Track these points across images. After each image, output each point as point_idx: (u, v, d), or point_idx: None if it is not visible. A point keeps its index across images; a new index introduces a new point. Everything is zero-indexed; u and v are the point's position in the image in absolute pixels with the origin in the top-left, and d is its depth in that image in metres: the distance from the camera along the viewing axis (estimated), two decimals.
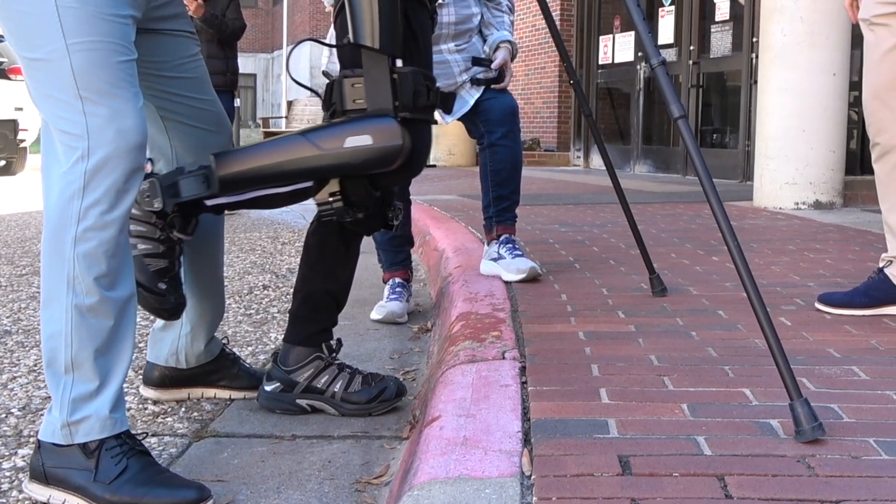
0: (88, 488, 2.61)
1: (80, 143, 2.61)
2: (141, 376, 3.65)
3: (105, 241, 2.65)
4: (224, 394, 3.63)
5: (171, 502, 2.61)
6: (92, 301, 2.65)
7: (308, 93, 39.29)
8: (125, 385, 3.66)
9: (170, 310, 3.18)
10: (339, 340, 3.53)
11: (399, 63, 3.13)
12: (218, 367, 3.61)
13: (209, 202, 3.19)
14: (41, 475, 2.67)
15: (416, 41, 3.21)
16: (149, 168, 3.30)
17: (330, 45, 3.19)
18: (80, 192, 2.61)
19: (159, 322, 3.50)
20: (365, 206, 3.24)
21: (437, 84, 4.88)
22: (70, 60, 2.61)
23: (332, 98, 3.39)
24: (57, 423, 2.65)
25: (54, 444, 2.66)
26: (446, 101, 3.33)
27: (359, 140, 3.04)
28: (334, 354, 3.49)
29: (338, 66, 5.00)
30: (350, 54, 3.16)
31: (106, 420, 2.66)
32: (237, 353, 3.77)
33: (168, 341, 3.51)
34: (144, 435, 2.95)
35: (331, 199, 3.20)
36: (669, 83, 2.95)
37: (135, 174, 2.70)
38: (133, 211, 3.02)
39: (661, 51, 2.97)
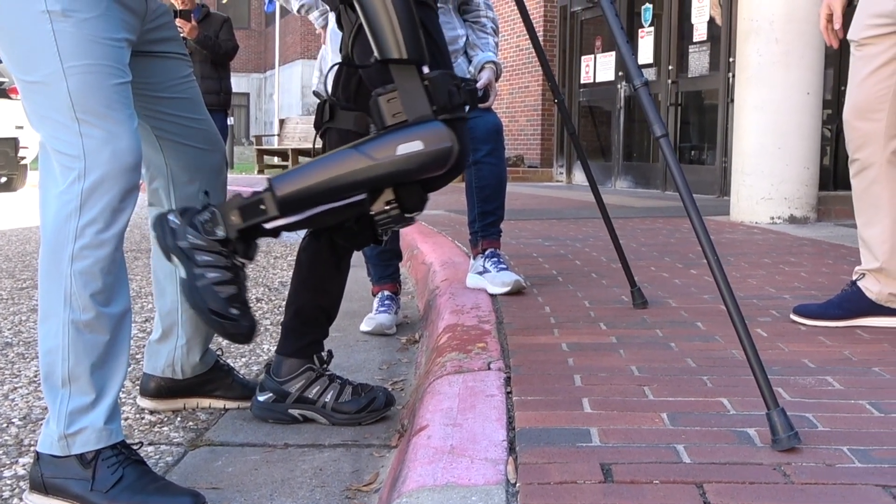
0: (86, 497, 2.62)
1: (77, 164, 2.62)
2: (138, 387, 3.64)
3: (101, 258, 2.66)
4: (218, 403, 3.63)
5: None
6: (88, 317, 2.66)
7: (299, 111, 39.37)
8: (123, 395, 3.69)
9: (245, 333, 3.16)
10: (329, 352, 3.53)
11: (426, 70, 3.13)
12: (212, 377, 3.61)
13: (268, 225, 3.19)
14: (40, 485, 2.67)
15: (434, 43, 3.20)
16: (143, 187, 3.31)
17: (360, 66, 3.17)
18: (76, 211, 2.62)
19: (155, 334, 3.50)
20: (419, 210, 3.25)
21: None
22: (67, 83, 2.62)
23: (323, 118, 3.41)
24: (54, 435, 2.66)
25: (52, 456, 2.66)
26: (473, 97, 3.32)
27: (410, 147, 3.02)
28: (325, 366, 3.50)
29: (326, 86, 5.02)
30: (378, 73, 3.14)
31: (101, 431, 2.67)
32: (231, 364, 3.77)
33: (164, 353, 3.50)
34: (140, 444, 2.95)
35: (387, 207, 3.19)
36: (651, 103, 2.96)
37: (130, 194, 2.71)
38: (198, 241, 3.07)
39: (641, 69, 2.99)
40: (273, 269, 7.62)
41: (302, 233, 3.32)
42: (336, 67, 4.28)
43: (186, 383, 3.55)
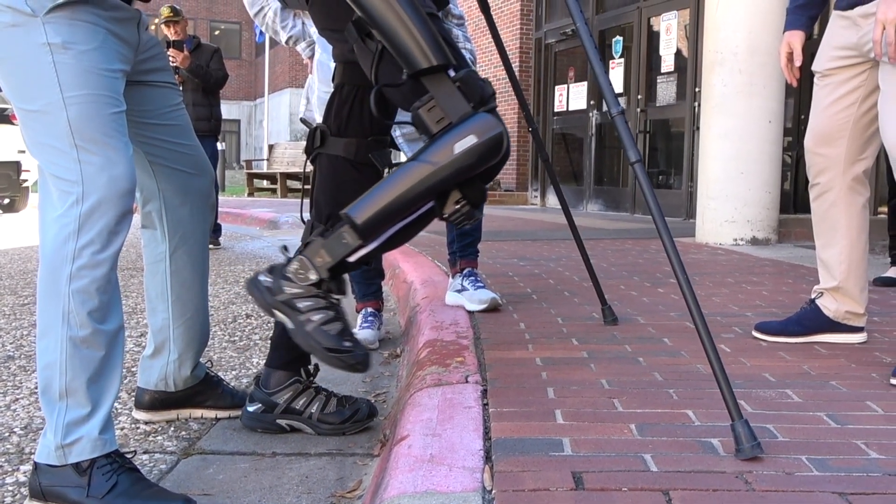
0: (83, 503, 2.62)
1: (75, 189, 2.65)
2: (134, 398, 3.64)
3: (97, 278, 2.68)
4: (210, 413, 3.63)
5: None
6: (85, 333, 2.68)
7: (287, 137, 39.34)
8: (120, 406, 3.70)
9: (363, 361, 3.17)
10: (316, 365, 3.53)
11: (452, 73, 3.13)
12: (203, 389, 3.61)
13: (352, 258, 3.19)
14: (39, 493, 2.68)
15: (450, 46, 3.21)
16: (135, 207, 3.32)
17: (391, 86, 3.17)
18: (74, 234, 2.64)
19: (148, 350, 3.50)
20: (484, 201, 3.24)
21: (405, 130, 4.92)
22: (66, 112, 2.64)
23: (314, 143, 3.42)
24: (52, 446, 2.67)
25: (49, 465, 2.67)
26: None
27: (466, 142, 3.02)
28: (311, 378, 3.50)
29: (314, 114, 5.04)
30: (411, 89, 3.13)
31: (96, 441, 2.68)
32: (220, 376, 3.77)
33: (157, 368, 3.50)
34: (134, 453, 2.95)
35: (457, 206, 3.17)
36: (627, 131, 2.96)
37: (125, 217, 2.73)
38: (295, 290, 3.12)
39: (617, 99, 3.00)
40: None
41: (292, 252, 3.31)
42: (328, 96, 4.30)
43: (179, 395, 3.55)
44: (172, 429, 3.53)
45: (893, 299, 5.52)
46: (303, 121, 5.17)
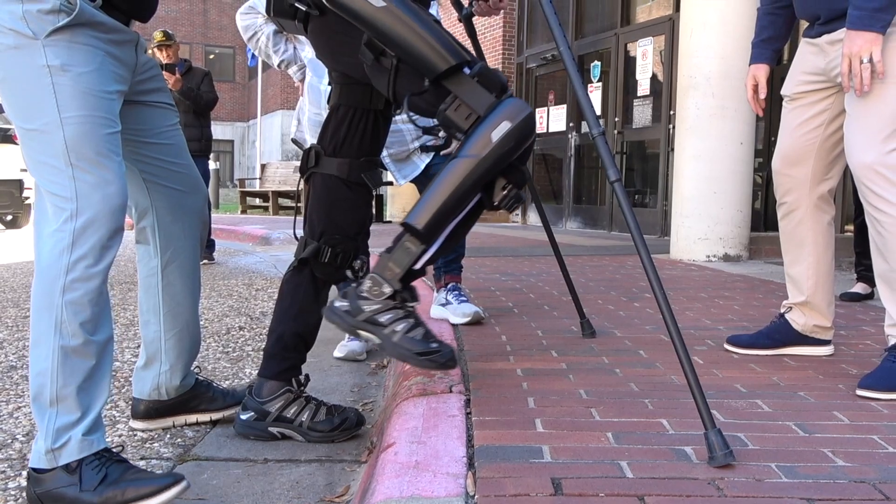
0: (79, 498, 2.63)
1: (69, 205, 2.67)
2: (130, 408, 3.64)
3: (90, 290, 2.70)
4: (204, 417, 3.63)
5: (150, 488, 2.65)
6: (76, 343, 2.69)
7: (279, 157, 39.33)
8: (117, 414, 3.69)
9: (452, 357, 3.21)
10: (306, 376, 3.53)
11: (467, 70, 3.15)
12: (195, 394, 3.61)
13: (418, 264, 3.25)
14: (36, 500, 2.69)
15: (455, 40, 3.22)
16: (130, 223, 3.32)
17: (416, 94, 3.17)
18: (68, 248, 2.66)
19: (140, 361, 3.50)
20: (527, 182, 3.30)
21: (392, 150, 4.93)
22: (63, 132, 2.67)
23: (308, 163, 3.43)
24: (42, 450, 2.68)
25: (41, 471, 2.69)
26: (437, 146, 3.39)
27: (501, 129, 3.05)
28: (302, 388, 3.49)
29: (305, 135, 5.04)
30: (433, 95, 3.16)
31: (83, 442, 2.69)
32: (210, 379, 3.79)
33: (150, 378, 3.50)
34: (121, 448, 2.95)
35: (505, 192, 3.23)
36: (608, 150, 2.97)
37: (117, 233, 2.76)
38: (374, 307, 3.19)
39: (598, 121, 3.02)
40: (254, 300, 7.59)
41: (283, 267, 3.33)
42: (318, 118, 4.31)
43: (172, 403, 3.55)
44: (168, 436, 3.53)
45: (859, 314, 5.54)
46: (294, 141, 5.19)
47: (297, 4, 3.28)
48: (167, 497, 2.67)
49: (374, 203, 3.66)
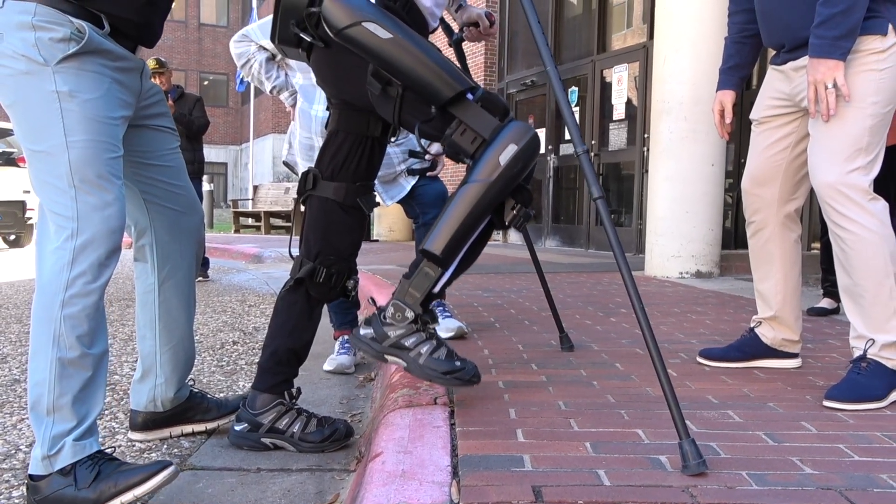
0: (77, 497, 2.67)
1: (71, 224, 2.70)
2: (129, 420, 3.63)
3: (88, 306, 2.74)
4: (199, 427, 3.63)
5: (140, 476, 2.70)
6: (73, 355, 2.72)
7: (271, 178, 39.26)
8: (116, 426, 3.67)
9: (476, 374, 3.30)
10: (298, 388, 3.52)
11: (470, 96, 3.17)
12: (190, 405, 3.61)
13: (436, 288, 3.30)
14: None
15: (458, 67, 3.24)
16: (128, 241, 3.33)
17: (425, 121, 3.19)
18: (68, 265, 2.70)
19: (137, 374, 3.50)
20: (533, 200, 3.32)
21: (379, 172, 4.93)
22: (68, 155, 2.70)
23: (306, 186, 3.44)
24: (39, 457, 2.71)
25: (37, 478, 2.71)
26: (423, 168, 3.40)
27: (508, 152, 3.09)
28: (294, 400, 3.49)
29: (296, 157, 5.04)
30: (440, 120, 3.18)
31: (76, 447, 2.72)
32: (203, 391, 3.78)
33: (146, 391, 3.50)
34: (113, 450, 2.99)
35: (514, 211, 3.26)
36: (591, 168, 2.97)
37: (115, 252, 2.80)
38: (399, 332, 3.27)
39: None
40: (247, 315, 7.58)
41: (279, 285, 3.34)
42: (309, 141, 4.30)
43: (168, 414, 3.55)
44: (165, 447, 3.52)
45: (825, 328, 5.55)
46: (286, 163, 5.20)
47: (302, 35, 3.29)
48: (156, 482, 2.72)
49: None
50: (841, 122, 3.48)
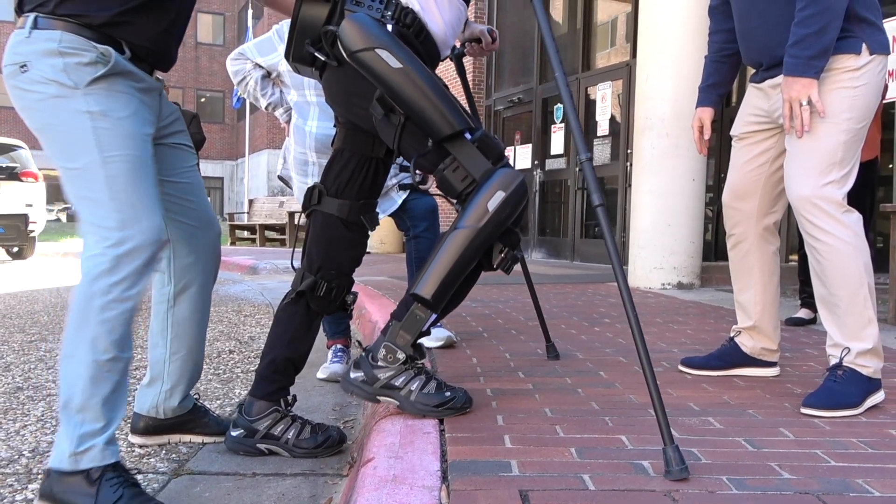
0: None
1: (113, 234, 2.74)
2: (130, 424, 3.63)
3: (124, 311, 2.77)
4: (197, 438, 3.62)
5: None
6: (107, 358, 2.75)
7: (266, 193, 39.25)
8: (117, 432, 3.66)
9: (467, 400, 3.33)
10: (294, 396, 3.52)
11: (468, 136, 3.18)
12: (192, 417, 3.60)
13: (425, 327, 3.29)
14: (50, 496, 2.71)
15: (463, 109, 3.24)
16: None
17: (421, 155, 3.19)
18: (108, 272, 2.73)
19: (145, 380, 3.51)
20: (520, 241, 3.33)
21: None
22: (105, 170, 2.76)
23: (311, 201, 3.45)
24: (66, 453, 2.71)
25: (62, 472, 2.70)
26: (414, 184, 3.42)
27: (496, 198, 3.10)
28: (289, 408, 3.49)
29: (290, 172, 5.04)
30: (435, 154, 3.20)
31: (104, 451, 2.73)
32: (207, 407, 3.77)
33: (151, 396, 3.51)
34: (137, 472, 3.02)
35: (502, 255, 3.27)
36: (594, 175, 2.93)
37: (153, 260, 2.83)
38: (389, 373, 3.26)
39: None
40: (243, 325, 7.57)
41: (274, 295, 3.34)
42: (303, 156, 4.30)
43: (169, 422, 3.55)
44: (164, 451, 3.51)
45: (803, 337, 5.56)
46: (280, 178, 5.20)
47: (316, 54, 3.30)
48: None
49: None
50: (816, 138, 3.49)
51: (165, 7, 2.99)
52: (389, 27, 3.21)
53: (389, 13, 3.25)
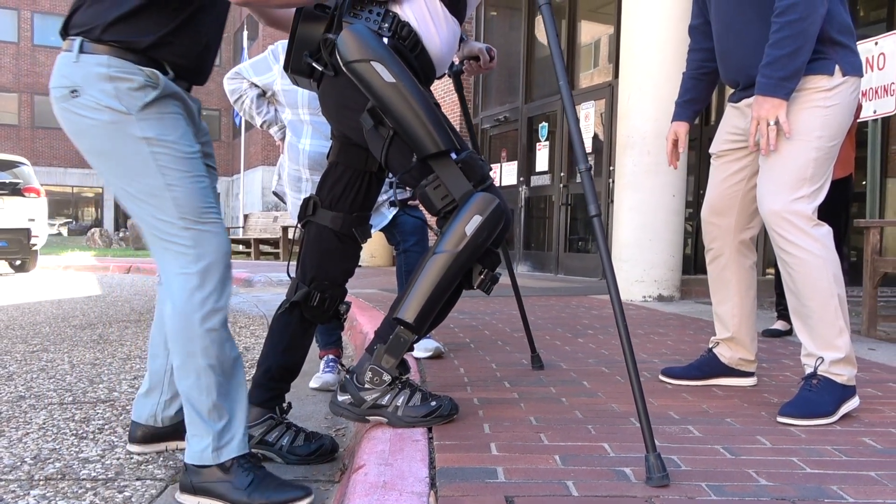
0: (229, 495, 2.82)
1: (191, 251, 2.82)
2: (128, 433, 3.62)
3: (221, 319, 2.87)
4: None
5: (287, 497, 2.80)
6: (218, 361, 2.85)
7: (260, 208, 39.19)
8: (116, 440, 3.66)
9: (453, 407, 3.34)
10: (289, 404, 3.51)
11: (454, 155, 3.18)
12: None
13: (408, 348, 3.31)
14: (189, 488, 2.87)
15: (451, 129, 3.23)
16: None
17: (405, 171, 3.19)
18: (198, 287, 2.82)
19: (143, 389, 3.50)
20: (499, 263, 3.35)
21: None
22: (170, 193, 2.80)
23: (306, 212, 3.45)
24: (208, 449, 2.84)
25: (198, 466, 2.85)
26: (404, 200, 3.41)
27: (473, 223, 3.10)
28: (284, 415, 3.48)
29: (284, 188, 5.04)
30: (419, 170, 3.20)
31: (240, 443, 2.87)
32: None
33: (149, 405, 3.50)
34: (262, 457, 3.22)
35: (482, 276, 3.29)
36: (591, 185, 2.92)
37: (230, 270, 2.92)
38: (374, 395, 3.29)
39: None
40: (238, 336, 7.54)
41: (268, 307, 3.34)
42: (297, 173, 4.29)
43: (165, 430, 3.53)
44: (161, 459, 3.50)
45: (779, 348, 5.57)
46: (275, 193, 5.20)
47: (314, 64, 3.30)
48: None
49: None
50: (787, 155, 3.51)
51: (203, 21, 2.99)
52: (386, 40, 3.22)
53: (387, 25, 3.26)
